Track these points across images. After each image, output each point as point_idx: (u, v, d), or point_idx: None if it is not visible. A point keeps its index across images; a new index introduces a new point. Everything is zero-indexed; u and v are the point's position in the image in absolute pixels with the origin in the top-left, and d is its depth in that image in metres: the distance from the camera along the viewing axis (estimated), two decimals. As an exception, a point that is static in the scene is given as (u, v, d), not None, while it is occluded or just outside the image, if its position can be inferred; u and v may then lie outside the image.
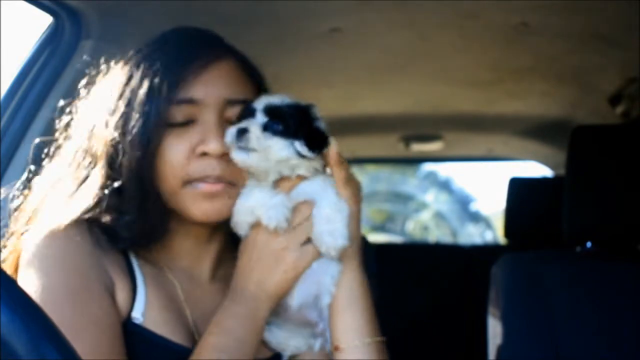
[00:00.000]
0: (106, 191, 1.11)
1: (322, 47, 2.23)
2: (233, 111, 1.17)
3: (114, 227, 1.11)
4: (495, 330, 1.78)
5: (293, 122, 1.12)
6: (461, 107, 3.11)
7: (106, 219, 1.11)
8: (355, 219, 1.16)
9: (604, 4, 1.80)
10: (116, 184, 1.11)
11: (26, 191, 1.21)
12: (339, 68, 2.50)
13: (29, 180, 1.22)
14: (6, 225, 1.19)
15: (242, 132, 1.10)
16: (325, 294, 1.16)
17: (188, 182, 1.14)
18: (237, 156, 1.12)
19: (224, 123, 1.15)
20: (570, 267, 1.79)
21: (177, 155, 1.13)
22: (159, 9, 1.73)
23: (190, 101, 1.13)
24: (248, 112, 1.13)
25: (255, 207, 1.12)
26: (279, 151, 1.11)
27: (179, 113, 1.13)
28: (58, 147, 1.23)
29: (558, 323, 1.69)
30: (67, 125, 1.23)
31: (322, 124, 1.16)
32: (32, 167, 1.24)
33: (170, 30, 1.23)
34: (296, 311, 1.17)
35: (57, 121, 1.25)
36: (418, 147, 3.72)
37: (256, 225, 1.14)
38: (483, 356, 1.91)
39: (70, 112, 1.24)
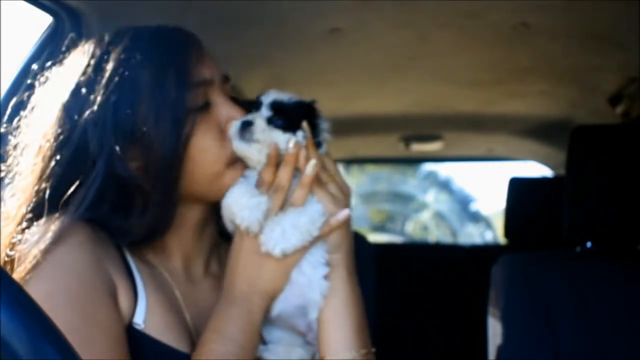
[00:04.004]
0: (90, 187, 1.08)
1: (322, 47, 2.23)
2: (226, 89, 1.19)
3: (122, 223, 1.09)
4: (495, 330, 1.78)
5: (295, 118, 1.14)
6: (461, 107, 3.11)
7: (113, 215, 1.09)
8: (344, 225, 1.14)
9: (604, 4, 1.80)
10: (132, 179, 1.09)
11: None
12: (339, 68, 2.50)
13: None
14: None
15: (247, 125, 1.13)
16: (313, 307, 1.15)
17: (232, 162, 1.14)
18: (239, 146, 1.13)
19: None
20: (570, 267, 1.80)
21: (211, 139, 1.13)
22: (159, 9, 1.73)
23: (204, 83, 1.14)
24: (255, 106, 1.16)
25: (231, 205, 1.13)
26: (279, 144, 1.12)
27: (197, 97, 1.13)
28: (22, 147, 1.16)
29: (558, 323, 1.69)
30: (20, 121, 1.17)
31: (324, 122, 1.18)
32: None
33: (138, 29, 1.18)
34: (275, 318, 1.16)
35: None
36: (418, 147, 3.72)
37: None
38: (483, 356, 1.92)
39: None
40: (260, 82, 2.32)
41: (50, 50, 1.69)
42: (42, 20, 1.69)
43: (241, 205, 1.10)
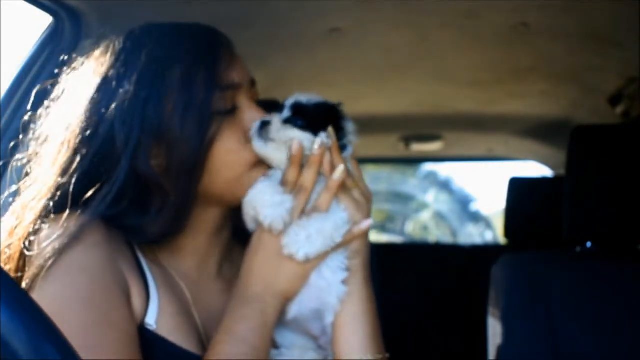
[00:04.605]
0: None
1: (322, 47, 2.23)
2: (252, 92, 1.19)
3: (138, 222, 1.09)
4: (495, 330, 1.78)
5: (314, 118, 1.14)
6: (461, 107, 3.11)
7: (129, 213, 1.08)
8: (362, 232, 1.13)
9: (604, 4, 1.80)
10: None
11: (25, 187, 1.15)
12: (339, 68, 2.50)
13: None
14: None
15: (265, 124, 1.13)
16: (330, 312, 1.14)
17: (253, 166, 1.14)
18: (257, 145, 1.13)
19: None
20: (570, 267, 1.80)
21: (235, 142, 1.12)
22: (159, 9, 1.73)
23: (233, 86, 1.14)
24: (279, 108, 1.17)
25: (254, 201, 1.12)
26: (303, 142, 1.12)
27: (225, 100, 1.12)
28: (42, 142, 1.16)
29: (558, 323, 1.69)
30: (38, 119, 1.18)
31: (349, 124, 1.18)
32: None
33: (171, 25, 1.20)
34: (291, 321, 1.16)
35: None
36: (418, 147, 3.72)
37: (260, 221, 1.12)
38: (483, 356, 1.92)
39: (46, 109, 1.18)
40: (260, 82, 2.31)
41: (51, 50, 1.69)
42: (42, 20, 1.69)
43: (264, 202, 1.10)
